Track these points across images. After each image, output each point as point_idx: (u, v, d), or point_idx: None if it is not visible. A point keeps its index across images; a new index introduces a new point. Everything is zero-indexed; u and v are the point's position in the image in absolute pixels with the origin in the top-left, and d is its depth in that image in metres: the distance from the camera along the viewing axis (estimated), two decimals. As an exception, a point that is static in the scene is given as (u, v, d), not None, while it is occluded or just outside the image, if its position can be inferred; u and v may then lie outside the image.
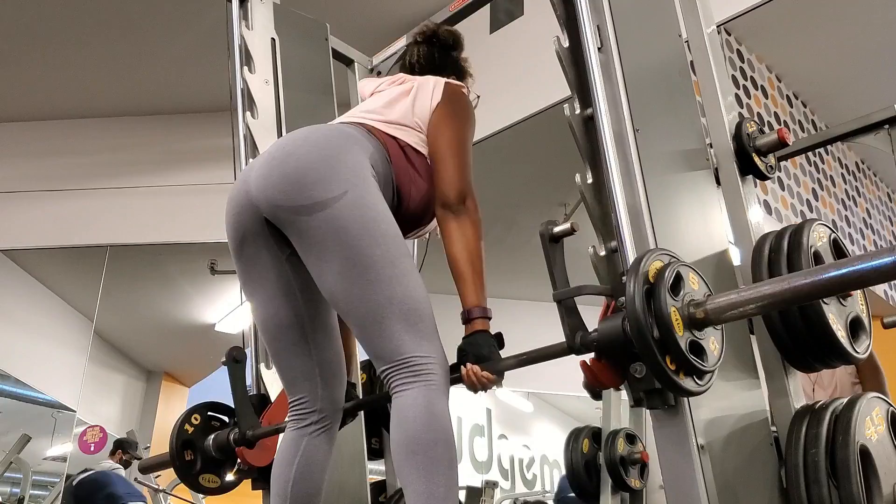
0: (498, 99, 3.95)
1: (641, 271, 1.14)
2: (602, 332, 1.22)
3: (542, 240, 1.31)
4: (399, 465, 1.29)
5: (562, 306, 1.28)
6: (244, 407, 1.86)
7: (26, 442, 5.93)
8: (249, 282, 1.50)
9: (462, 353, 1.40)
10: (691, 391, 1.16)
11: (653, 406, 1.25)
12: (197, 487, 1.91)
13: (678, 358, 1.12)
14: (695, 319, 1.16)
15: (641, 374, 1.20)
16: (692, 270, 1.21)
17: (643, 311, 1.11)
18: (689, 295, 1.18)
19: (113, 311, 5.89)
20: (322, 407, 1.51)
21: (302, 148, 1.42)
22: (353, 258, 1.34)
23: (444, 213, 1.47)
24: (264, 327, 1.51)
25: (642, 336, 1.11)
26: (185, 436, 1.89)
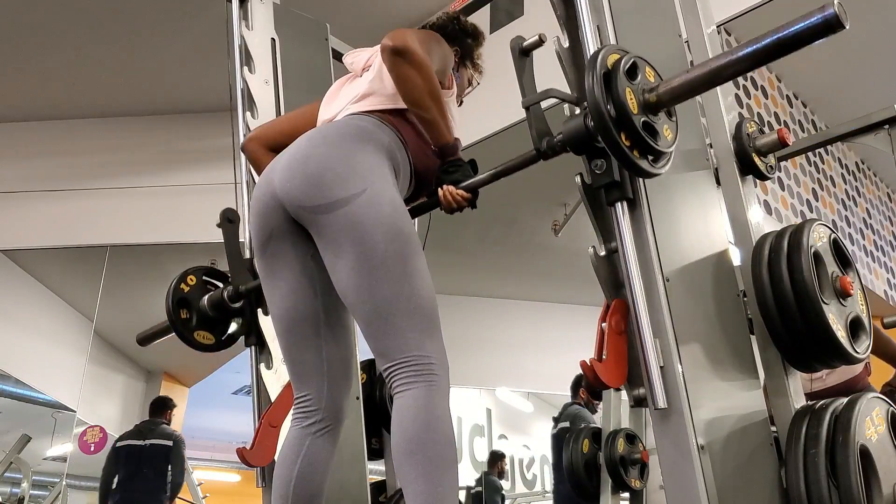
0: (498, 99, 3.95)
1: (600, 60, 1.22)
2: (566, 131, 1.32)
3: (512, 52, 1.42)
4: (399, 464, 1.29)
5: (530, 112, 1.39)
6: (238, 264, 1.91)
7: (26, 442, 5.94)
8: (271, 277, 1.53)
9: (438, 179, 1.55)
10: (646, 170, 1.25)
11: (612, 200, 1.32)
12: (192, 343, 1.96)
13: (633, 136, 1.22)
14: (649, 103, 1.26)
15: (602, 168, 1.31)
16: (648, 65, 1.31)
17: (601, 95, 1.20)
18: (645, 84, 1.28)
19: (113, 311, 5.89)
20: (326, 406, 1.51)
21: (321, 148, 1.46)
22: (366, 254, 1.36)
23: (395, 58, 1.49)
24: (280, 319, 1.53)
25: (600, 115, 1.19)
26: (180, 294, 1.94)
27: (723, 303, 1.48)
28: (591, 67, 1.21)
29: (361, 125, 1.53)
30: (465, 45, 1.87)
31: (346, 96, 1.68)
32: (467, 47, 1.87)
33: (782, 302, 1.43)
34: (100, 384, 6.42)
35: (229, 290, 1.91)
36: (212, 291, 1.97)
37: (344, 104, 1.65)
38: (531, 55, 1.42)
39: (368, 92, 1.61)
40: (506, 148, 1.54)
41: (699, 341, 1.35)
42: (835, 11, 1.06)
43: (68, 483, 6.11)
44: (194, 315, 1.94)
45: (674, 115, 1.31)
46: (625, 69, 1.23)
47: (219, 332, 1.99)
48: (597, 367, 1.25)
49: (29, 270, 5.87)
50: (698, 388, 1.28)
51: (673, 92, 1.25)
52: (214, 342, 1.98)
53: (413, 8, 4.04)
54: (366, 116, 1.57)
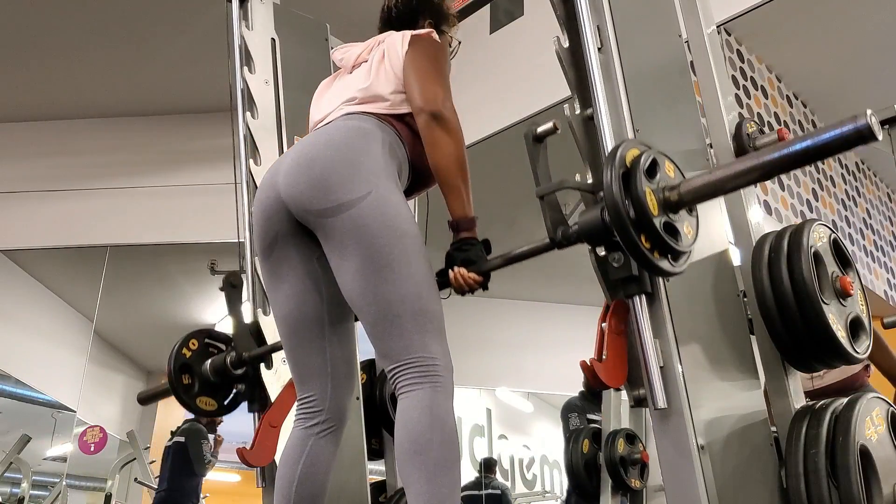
0: (498, 99, 3.96)
1: (619, 157, 1.18)
2: (582, 223, 1.27)
3: (525, 140, 1.38)
4: (402, 465, 1.29)
5: (544, 202, 1.34)
6: (241, 330, 1.90)
7: (26, 442, 5.93)
8: (276, 280, 1.53)
9: (450, 258, 1.48)
10: (666, 270, 1.20)
11: (630, 294, 1.29)
12: (195, 409, 1.94)
13: (653, 237, 1.17)
14: (669, 202, 1.20)
15: (619, 262, 1.26)
16: (668, 159, 1.26)
17: (619, 194, 1.15)
18: (665, 180, 1.23)
19: (113, 311, 5.89)
20: (329, 408, 1.51)
21: (325, 151, 1.45)
22: (372, 256, 1.37)
23: (428, 122, 1.49)
24: (285, 321, 1.53)
25: (619, 216, 1.15)
26: (182, 360, 1.92)
27: (723, 303, 1.48)
28: (610, 165, 1.17)
29: (362, 126, 1.52)
30: (433, 7, 1.80)
31: (337, 94, 1.66)
32: (435, 9, 1.81)
33: (782, 302, 1.43)
34: (100, 384, 6.42)
35: (232, 356, 1.88)
36: (214, 355, 1.94)
37: (337, 103, 1.63)
38: (545, 142, 1.38)
39: (367, 97, 1.60)
40: (505, 148, 1.53)
41: (699, 341, 1.35)
42: (867, 123, 1.01)
43: (68, 483, 6.11)
44: (196, 381, 1.92)
45: (695, 212, 1.26)
46: (644, 168, 1.18)
47: (221, 397, 1.96)
48: (597, 368, 1.25)
49: (29, 270, 5.87)
50: (698, 389, 1.28)
51: (695, 192, 1.20)
52: (217, 408, 1.95)
53: (413, 8, 4.03)
54: (364, 116, 1.57)
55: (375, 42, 1.70)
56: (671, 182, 1.22)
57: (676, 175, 1.25)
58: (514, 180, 1.52)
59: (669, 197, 1.20)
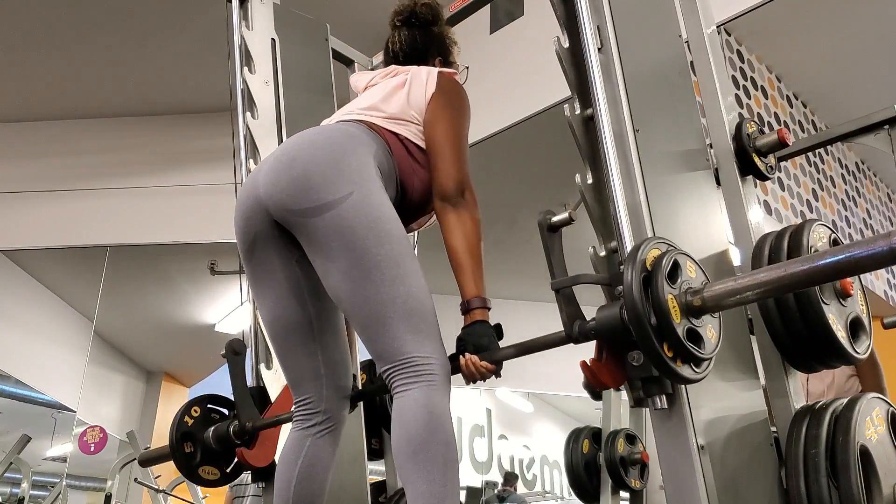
0: (498, 99, 3.95)
1: (639, 259, 1.14)
2: (600, 321, 1.22)
3: (540, 229, 1.31)
4: (400, 464, 1.29)
5: (560, 295, 1.28)
6: (244, 399, 1.86)
7: (26, 442, 5.93)
8: (258, 283, 1.51)
9: (461, 342, 1.42)
10: (689, 378, 1.16)
11: (650, 394, 1.24)
12: (197, 479, 1.91)
13: (676, 345, 1.12)
14: (692, 307, 1.16)
15: (639, 362, 1.20)
16: (689, 259, 1.21)
17: (640, 299, 1.11)
18: (687, 283, 1.18)
19: (113, 311, 5.89)
20: (327, 408, 1.51)
21: (307, 151, 1.43)
22: (358, 258, 1.35)
23: (443, 205, 1.48)
24: (272, 328, 1.51)
25: (640, 323, 1.10)
26: (184, 428, 1.89)
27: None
28: (630, 266, 1.13)
29: (350, 130, 1.50)
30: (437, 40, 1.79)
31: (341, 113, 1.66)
32: (440, 42, 1.79)
33: (782, 302, 1.43)
34: (100, 384, 6.42)
35: (235, 425, 1.85)
36: (217, 422, 1.92)
37: (338, 117, 1.63)
38: (560, 232, 1.32)
39: (367, 106, 1.59)
40: (505, 148, 1.53)
41: (699, 341, 1.35)
42: None
43: (68, 483, 6.12)
44: (198, 449, 1.89)
45: (717, 314, 1.22)
46: (666, 272, 1.14)
47: (224, 465, 1.93)
48: (597, 368, 1.25)
49: (29, 270, 5.87)
50: (698, 389, 1.28)
51: (718, 299, 1.16)
52: (219, 477, 1.93)
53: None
54: (354, 123, 1.55)
55: (393, 71, 1.68)
56: (693, 284, 1.18)
57: (698, 274, 1.21)
58: (514, 180, 1.51)
59: (692, 302, 1.16)
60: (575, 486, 3.31)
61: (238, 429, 1.84)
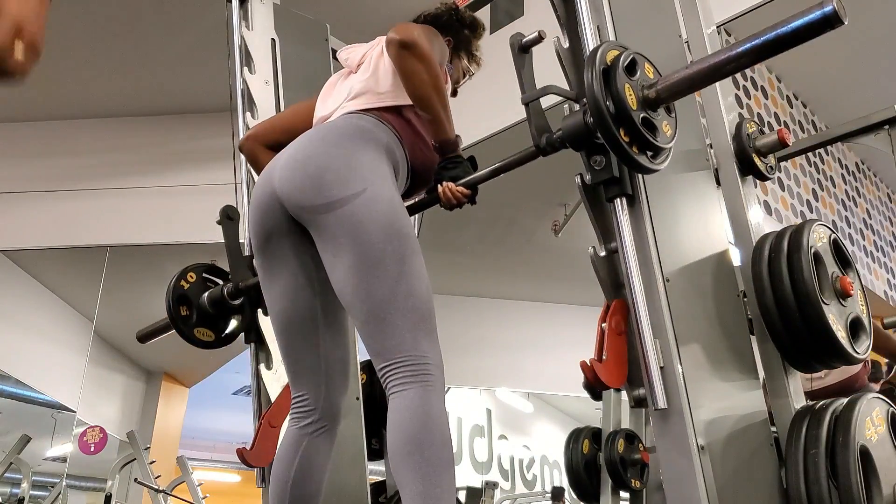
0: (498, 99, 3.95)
1: (599, 57, 1.22)
2: (565, 128, 1.31)
3: (511, 49, 1.42)
4: (396, 465, 1.28)
5: (529, 108, 1.38)
6: (237, 261, 1.91)
7: (26, 442, 5.93)
8: (270, 276, 1.54)
9: (437, 174, 1.55)
10: (645, 166, 1.24)
11: (612, 196, 1.32)
12: (192, 340, 1.96)
13: (632, 131, 1.21)
14: (648, 99, 1.26)
15: (601, 164, 1.30)
16: (647, 61, 1.30)
17: (601, 91, 1.20)
18: (644, 80, 1.27)
19: (113, 311, 5.89)
20: (324, 407, 1.51)
21: (320, 149, 1.46)
22: (365, 253, 1.36)
23: (401, 51, 1.50)
24: (279, 319, 1.53)
25: (599, 111, 1.20)
26: (180, 291, 1.94)
27: (723, 303, 1.48)
28: (591, 63, 1.22)
29: (360, 124, 1.53)
30: (461, 35, 1.86)
31: (341, 93, 1.68)
32: (462, 38, 1.86)
33: (782, 302, 1.43)
34: (100, 384, 6.42)
35: (229, 286, 1.91)
36: (212, 288, 1.97)
37: (340, 101, 1.65)
38: (531, 52, 1.42)
39: (364, 90, 1.62)
40: (506, 148, 1.53)
41: (699, 341, 1.35)
42: (833, 8, 1.05)
43: (68, 483, 6.12)
44: (194, 312, 1.95)
45: (673, 112, 1.31)
46: (624, 65, 1.23)
47: (218, 329, 1.99)
48: (597, 368, 1.25)
49: (29, 270, 5.87)
50: (698, 389, 1.28)
51: (672, 88, 1.25)
52: (214, 339, 1.98)
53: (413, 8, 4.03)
54: (364, 115, 1.57)
55: (377, 42, 1.71)
56: (650, 81, 1.28)
57: (655, 76, 1.30)
58: (513, 181, 1.51)
59: (648, 94, 1.25)
60: (575, 486, 3.31)
61: (232, 289, 1.89)
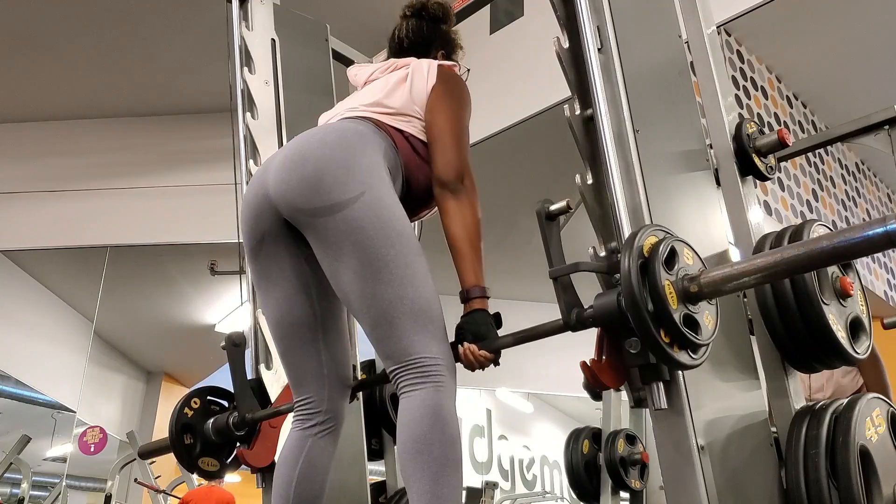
0: (498, 99, 3.95)
1: (636, 245, 1.15)
2: (597, 308, 1.23)
3: (538, 218, 1.33)
4: (404, 464, 1.29)
5: (558, 283, 1.29)
6: (243, 390, 1.87)
7: (26, 443, 5.93)
8: (265, 281, 1.51)
9: (460, 331, 1.43)
10: (685, 364, 1.17)
11: (647, 381, 1.25)
12: (196, 471, 1.93)
13: (672, 331, 1.13)
14: (689, 293, 1.17)
15: (636, 349, 1.20)
16: (687, 246, 1.22)
17: (638, 285, 1.12)
18: (684, 269, 1.19)
19: (113, 311, 5.89)
20: (328, 408, 1.51)
21: (318, 150, 1.43)
22: (368, 258, 1.35)
23: (443, 192, 1.48)
24: (277, 325, 1.52)
25: (637, 309, 1.12)
26: (184, 419, 1.90)
27: (723, 303, 1.47)
28: (627, 252, 1.15)
29: (358, 128, 1.51)
30: (444, 37, 1.80)
31: (343, 106, 1.66)
32: (446, 38, 1.81)
33: (782, 302, 1.43)
34: (100, 385, 6.42)
35: (234, 416, 1.86)
36: (217, 413, 1.93)
37: (341, 112, 1.63)
38: (558, 220, 1.34)
39: (370, 103, 1.59)
40: (506, 148, 1.53)
41: (699, 342, 1.35)
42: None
43: (68, 483, 6.12)
44: (198, 441, 1.90)
45: (714, 301, 1.23)
46: (663, 259, 1.16)
47: (223, 456, 1.95)
48: (597, 368, 1.25)
49: (29, 270, 5.87)
50: (698, 389, 1.28)
51: (715, 286, 1.17)
52: (219, 468, 1.94)
53: (413, 8, 4.03)
54: (361, 120, 1.55)
55: (393, 65, 1.68)
56: (690, 271, 1.19)
57: (695, 262, 1.22)
58: (514, 181, 1.51)
59: (689, 288, 1.17)
60: (575, 486, 3.31)
61: (238, 420, 1.85)
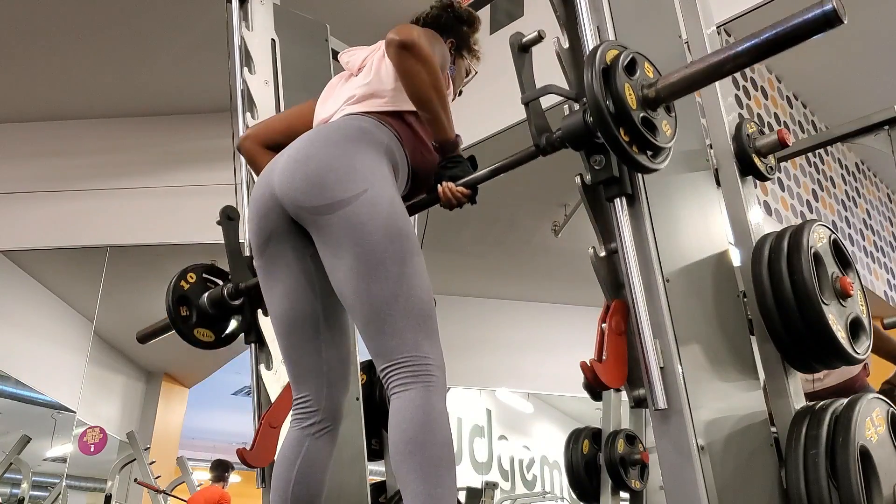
0: (498, 100, 3.95)
1: (599, 57, 1.22)
2: (565, 127, 1.31)
3: (511, 49, 1.42)
4: (397, 465, 1.29)
5: (529, 108, 1.38)
6: (237, 261, 1.91)
7: (26, 443, 5.93)
8: (270, 278, 1.53)
9: (438, 175, 1.56)
10: (645, 166, 1.24)
11: (611, 196, 1.32)
12: (192, 341, 1.95)
13: (632, 131, 1.21)
14: (648, 98, 1.25)
15: (601, 164, 1.30)
16: (647, 60, 1.30)
17: (600, 90, 1.19)
18: (644, 80, 1.27)
19: (113, 311, 5.88)
20: (325, 407, 1.51)
21: (321, 150, 1.45)
22: (365, 254, 1.36)
23: (401, 52, 1.49)
24: (280, 321, 1.53)
25: (599, 111, 1.19)
26: (180, 291, 1.94)
27: (723, 303, 1.48)
28: (591, 63, 1.21)
29: (361, 125, 1.53)
30: (461, 34, 1.85)
31: (341, 95, 1.67)
32: (463, 36, 1.85)
33: (782, 302, 1.43)
34: (100, 385, 6.42)
35: (229, 287, 1.90)
36: (212, 289, 1.96)
37: (340, 104, 1.64)
38: (530, 51, 1.42)
39: (366, 94, 1.61)
40: (506, 148, 1.53)
41: (699, 342, 1.35)
42: (833, 6, 1.05)
43: (68, 484, 6.12)
44: (194, 312, 1.94)
45: (673, 111, 1.31)
46: (623, 65, 1.23)
47: (218, 329, 1.98)
48: (597, 368, 1.25)
49: (29, 271, 5.87)
50: (698, 389, 1.28)
51: (672, 87, 1.25)
52: (214, 339, 1.98)
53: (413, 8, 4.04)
54: (365, 116, 1.57)
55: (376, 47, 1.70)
56: (649, 80, 1.27)
57: (655, 75, 1.30)
58: (514, 181, 1.51)
59: (648, 94, 1.25)
60: (575, 486, 3.31)
61: (232, 290, 1.89)
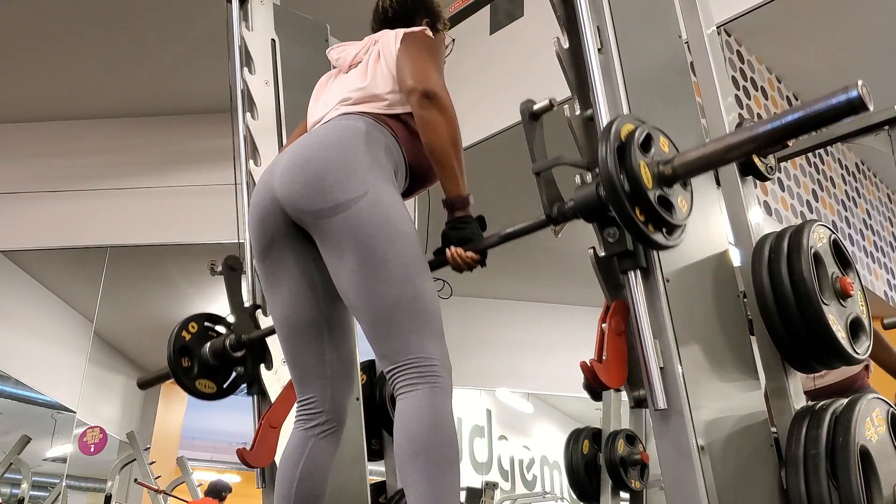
0: (498, 100, 3.95)
1: (614, 132, 1.19)
2: (577, 199, 1.29)
3: (522, 116, 1.39)
4: (402, 465, 1.29)
5: (540, 178, 1.36)
6: (240, 313, 1.91)
7: (26, 443, 5.93)
8: (273, 282, 1.52)
9: (446, 237, 1.51)
10: (660, 243, 1.21)
11: (625, 269, 1.29)
12: (194, 392, 1.95)
13: (648, 210, 1.18)
14: (664, 175, 1.22)
15: (615, 237, 1.27)
16: (663, 134, 1.26)
17: (615, 167, 1.16)
18: (660, 155, 1.24)
19: (113, 311, 5.89)
20: (329, 409, 1.52)
21: (321, 152, 1.45)
22: (368, 256, 1.36)
23: (421, 101, 1.49)
24: (283, 325, 1.53)
25: (613, 189, 1.16)
26: (182, 342, 1.93)
27: (723, 303, 1.47)
28: (605, 139, 1.18)
29: (358, 126, 1.52)
30: (430, 9, 1.81)
31: (335, 94, 1.65)
32: (432, 11, 1.82)
33: (782, 303, 1.43)
34: (100, 385, 6.42)
35: (231, 338, 1.89)
36: (213, 339, 1.95)
37: (334, 104, 1.62)
38: (541, 119, 1.39)
39: (362, 98, 1.59)
40: (505, 149, 1.53)
41: (699, 342, 1.35)
42: (858, 94, 1.02)
43: (68, 484, 6.12)
44: (196, 363, 1.93)
45: (689, 186, 1.28)
46: (639, 142, 1.20)
47: (220, 380, 1.97)
48: (597, 368, 1.25)
49: (29, 271, 5.87)
50: (698, 389, 1.28)
51: (689, 166, 1.21)
52: (216, 391, 1.97)
53: (413, 8, 4.03)
54: (361, 116, 1.56)
55: (371, 41, 1.70)
56: (665, 156, 1.24)
57: (671, 150, 1.27)
58: (514, 181, 1.52)
59: (664, 171, 1.22)
60: (575, 486, 3.31)
61: (234, 342, 1.88)
